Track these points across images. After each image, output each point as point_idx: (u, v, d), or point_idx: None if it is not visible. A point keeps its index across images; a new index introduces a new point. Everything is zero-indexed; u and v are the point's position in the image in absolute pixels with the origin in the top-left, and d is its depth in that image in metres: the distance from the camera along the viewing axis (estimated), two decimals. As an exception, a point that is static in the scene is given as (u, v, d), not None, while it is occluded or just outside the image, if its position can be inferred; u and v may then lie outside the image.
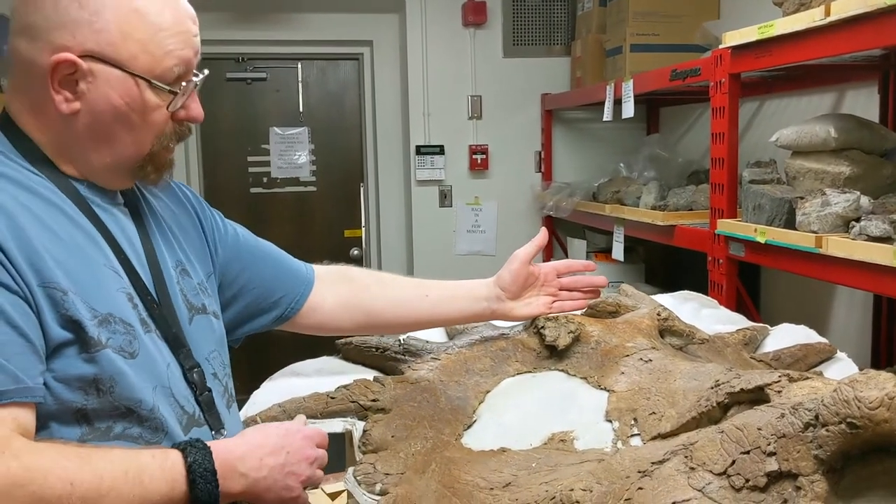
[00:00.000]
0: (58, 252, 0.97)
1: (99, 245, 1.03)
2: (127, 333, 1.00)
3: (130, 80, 1.01)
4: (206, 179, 4.41)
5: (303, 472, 1.03)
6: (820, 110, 2.79)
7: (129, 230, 1.10)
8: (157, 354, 1.04)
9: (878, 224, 1.74)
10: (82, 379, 0.95)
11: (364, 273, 1.42)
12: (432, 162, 4.24)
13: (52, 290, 0.94)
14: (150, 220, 1.16)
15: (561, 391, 1.18)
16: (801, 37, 1.91)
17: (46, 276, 0.94)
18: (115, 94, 1.01)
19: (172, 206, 1.23)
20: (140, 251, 1.10)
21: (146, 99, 1.03)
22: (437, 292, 1.37)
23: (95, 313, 0.98)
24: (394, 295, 1.37)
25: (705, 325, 1.53)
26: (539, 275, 1.38)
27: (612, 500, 0.81)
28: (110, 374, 0.97)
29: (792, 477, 0.76)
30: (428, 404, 1.18)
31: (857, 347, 2.67)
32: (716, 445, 0.81)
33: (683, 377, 1.09)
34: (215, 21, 4.21)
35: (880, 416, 0.71)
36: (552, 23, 4.31)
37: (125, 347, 1.00)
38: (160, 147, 1.08)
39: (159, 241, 1.15)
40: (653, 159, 3.53)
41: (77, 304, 0.96)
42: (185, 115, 1.09)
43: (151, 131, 1.06)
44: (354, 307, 1.35)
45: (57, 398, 0.95)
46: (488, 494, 0.98)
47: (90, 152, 1.05)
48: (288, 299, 1.32)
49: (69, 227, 1.01)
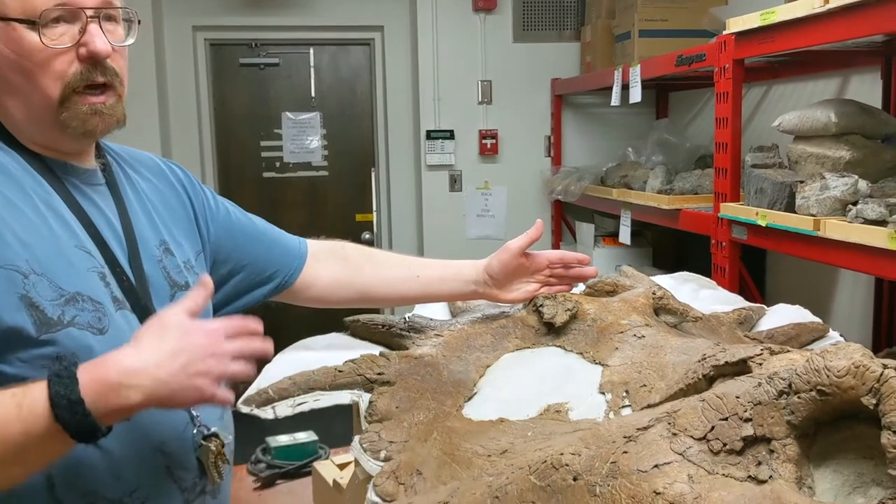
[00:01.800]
0: (25, 234, 1.00)
1: (69, 225, 1.06)
2: (96, 311, 1.03)
3: (8, 27, 1.02)
4: (219, 164, 4.48)
5: (212, 369, 0.95)
6: (825, 95, 2.82)
7: (107, 209, 1.13)
8: (128, 329, 1.05)
9: (874, 207, 1.78)
10: (44, 356, 0.98)
11: (358, 251, 1.45)
12: (442, 146, 4.29)
13: (11, 272, 0.97)
14: (134, 200, 1.19)
15: (557, 366, 1.23)
16: (802, 23, 1.94)
17: (7, 258, 0.97)
18: (1, 44, 1.03)
19: (161, 186, 1.26)
20: (118, 229, 1.13)
21: (28, 41, 1.02)
22: (428, 272, 1.41)
23: (62, 292, 1.00)
24: (386, 275, 1.41)
25: (704, 305, 1.57)
26: (530, 265, 1.39)
27: (598, 462, 0.86)
28: (72, 350, 0.98)
29: (766, 441, 0.81)
30: (431, 378, 1.24)
31: (859, 329, 2.71)
32: (697, 413, 0.86)
33: (673, 352, 1.14)
34: (229, 7, 4.27)
35: (847, 383, 0.76)
36: (562, 8, 4.33)
37: (93, 324, 1.02)
38: (70, 91, 1.06)
39: (141, 219, 1.18)
40: (661, 144, 3.57)
41: (39, 285, 0.98)
42: (86, 52, 1.06)
43: (50, 75, 1.04)
44: (348, 285, 1.41)
45: (19, 377, 0.96)
46: (486, 461, 1.04)
47: (8, 110, 1.07)
48: (282, 273, 1.37)
49: (37, 206, 1.03)
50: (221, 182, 4.45)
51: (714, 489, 0.79)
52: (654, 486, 0.81)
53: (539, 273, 1.40)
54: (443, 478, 1.03)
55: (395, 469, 1.06)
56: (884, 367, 0.75)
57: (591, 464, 0.87)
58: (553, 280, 1.40)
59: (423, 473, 1.04)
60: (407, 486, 1.03)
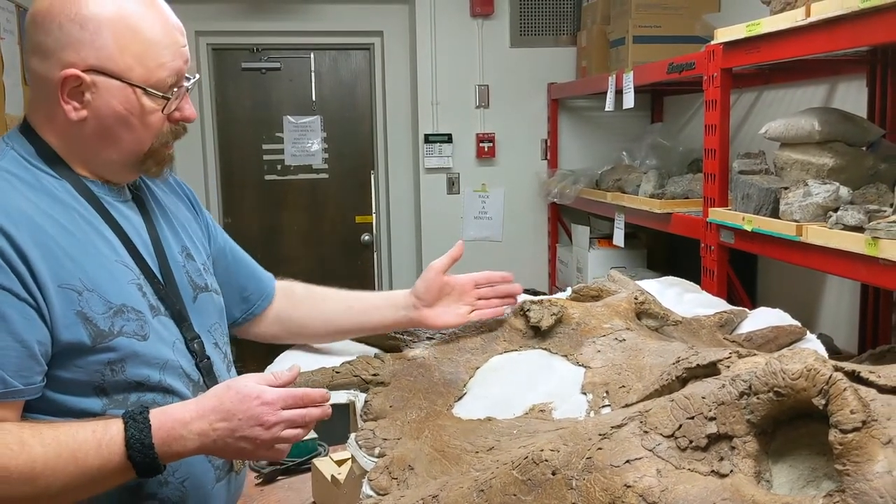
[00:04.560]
0: (75, 252, 1.12)
1: (110, 241, 1.18)
2: (138, 320, 1.16)
3: (129, 89, 1.16)
4: (222, 167, 4.54)
5: (257, 436, 1.10)
6: (813, 102, 2.89)
7: (136, 222, 1.26)
8: (166, 333, 1.20)
9: (853, 214, 1.85)
10: (98, 362, 1.12)
11: (301, 289, 1.53)
12: (440, 150, 4.35)
13: (68, 291, 1.10)
14: (157, 211, 1.32)
15: (543, 367, 1.30)
16: (786, 35, 2.01)
17: (63, 278, 1.10)
18: (116, 101, 1.16)
19: (174, 198, 1.40)
20: (147, 240, 1.25)
21: (143, 104, 1.17)
22: (361, 304, 1.47)
23: (110, 305, 1.13)
24: (320, 308, 1.48)
25: (688, 308, 1.64)
26: (455, 285, 1.43)
27: (575, 458, 0.93)
28: (122, 357, 1.13)
29: (728, 438, 0.87)
30: (423, 378, 1.30)
31: (847, 331, 2.77)
32: (666, 412, 0.93)
33: (651, 354, 1.21)
34: (231, 12, 4.33)
35: (800, 385, 0.82)
36: (559, 13, 4.39)
37: (137, 332, 1.16)
38: (159, 144, 1.22)
39: (165, 229, 1.31)
40: (655, 148, 3.63)
41: (91, 300, 1.11)
42: (179, 116, 1.23)
43: (150, 132, 1.20)
44: (286, 320, 1.49)
45: (77, 380, 1.12)
46: (474, 457, 1.11)
47: (98, 152, 1.19)
48: (252, 301, 1.48)
49: (84, 227, 1.16)
50: (224, 184, 4.52)
51: (680, 482, 0.86)
52: (625, 479, 0.88)
53: (468, 295, 1.43)
54: (433, 473, 1.10)
55: (389, 464, 1.13)
56: (833, 370, 0.82)
57: (568, 459, 0.94)
58: (481, 303, 1.43)
59: (415, 468, 1.11)
60: (400, 481, 1.10)
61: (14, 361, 1.05)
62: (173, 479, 1.19)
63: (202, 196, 4.40)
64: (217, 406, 1.11)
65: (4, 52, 2.91)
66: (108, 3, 1.14)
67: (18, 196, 1.11)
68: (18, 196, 1.11)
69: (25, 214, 1.10)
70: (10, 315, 1.05)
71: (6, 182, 1.13)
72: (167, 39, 1.18)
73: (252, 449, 1.12)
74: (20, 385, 1.06)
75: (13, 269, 1.06)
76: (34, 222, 1.10)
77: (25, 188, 1.13)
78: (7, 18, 2.96)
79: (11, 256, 1.06)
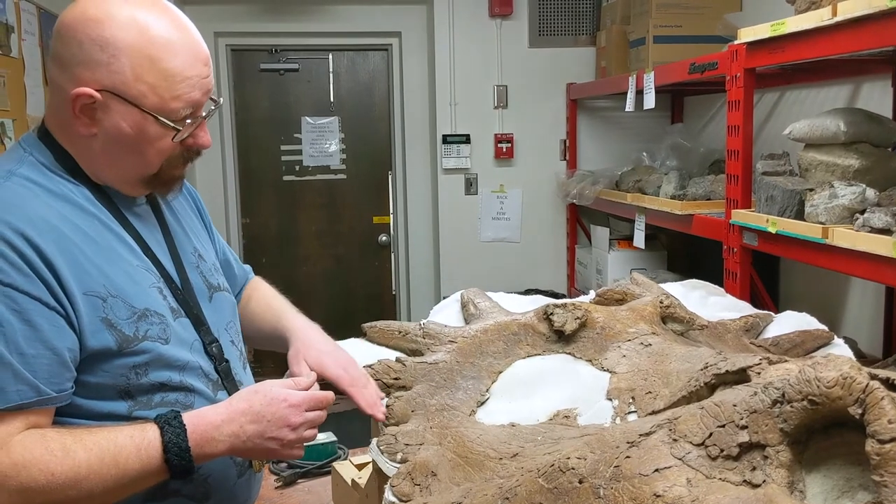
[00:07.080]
0: (98, 259, 1.14)
1: (131, 247, 1.20)
2: (161, 323, 1.19)
3: (140, 115, 1.15)
4: (240, 167, 4.56)
5: (285, 437, 1.17)
6: (837, 102, 2.85)
7: (152, 226, 1.28)
8: (185, 334, 1.23)
9: (880, 216, 1.82)
10: (124, 366, 1.14)
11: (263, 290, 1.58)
12: (458, 150, 4.34)
13: (93, 298, 1.11)
14: (169, 215, 1.33)
15: (567, 372, 1.28)
16: (811, 35, 1.98)
17: (88, 285, 1.11)
18: (126, 124, 1.15)
19: (182, 201, 1.42)
20: (163, 243, 1.28)
21: (153, 131, 1.16)
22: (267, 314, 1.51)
23: (134, 310, 1.15)
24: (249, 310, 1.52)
25: (712, 312, 1.61)
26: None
27: (603, 466, 0.91)
28: (147, 361, 1.16)
29: (761, 447, 0.85)
30: (445, 383, 1.29)
31: (869, 336, 2.73)
32: (696, 420, 0.91)
33: (678, 360, 1.19)
34: (249, 14, 4.34)
35: (835, 393, 0.80)
36: (578, 13, 4.37)
37: (160, 335, 1.18)
38: (168, 167, 1.22)
39: (178, 232, 1.33)
40: (675, 148, 3.60)
41: (115, 306, 1.13)
42: (192, 143, 1.23)
43: (159, 156, 1.20)
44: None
45: (103, 384, 1.14)
46: (497, 463, 1.09)
47: (105, 168, 1.20)
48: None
49: (105, 234, 1.17)
50: (242, 185, 4.53)
51: (711, 492, 0.84)
52: (654, 489, 0.86)
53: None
54: (456, 479, 1.09)
55: (411, 470, 1.11)
56: (870, 378, 0.79)
57: (595, 467, 0.92)
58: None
59: (438, 475, 1.09)
60: (422, 487, 1.08)
61: (46, 369, 1.07)
62: (197, 476, 1.21)
63: (221, 197, 4.41)
64: (247, 409, 1.16)
65: (26, 53, 2.93)
66: (132, 28, 1.12)
67: (41, 204, 1.12)
68: (41, 204, 1.12)
69: (49, 223, 1.10)
70: (41, 324, 1.06)
71: (28, 190, 1.13)
72: (189, 72, 1.16)
73: (278, 448, 1.18)
74: (53, 392, 1.08)
75: (41, 278, 1.07)
76: (58, 230, 1.11)
77: (47, 196, 1.14)
78: (28, 20, 2.97)
79: (38, 265, 1.07)
